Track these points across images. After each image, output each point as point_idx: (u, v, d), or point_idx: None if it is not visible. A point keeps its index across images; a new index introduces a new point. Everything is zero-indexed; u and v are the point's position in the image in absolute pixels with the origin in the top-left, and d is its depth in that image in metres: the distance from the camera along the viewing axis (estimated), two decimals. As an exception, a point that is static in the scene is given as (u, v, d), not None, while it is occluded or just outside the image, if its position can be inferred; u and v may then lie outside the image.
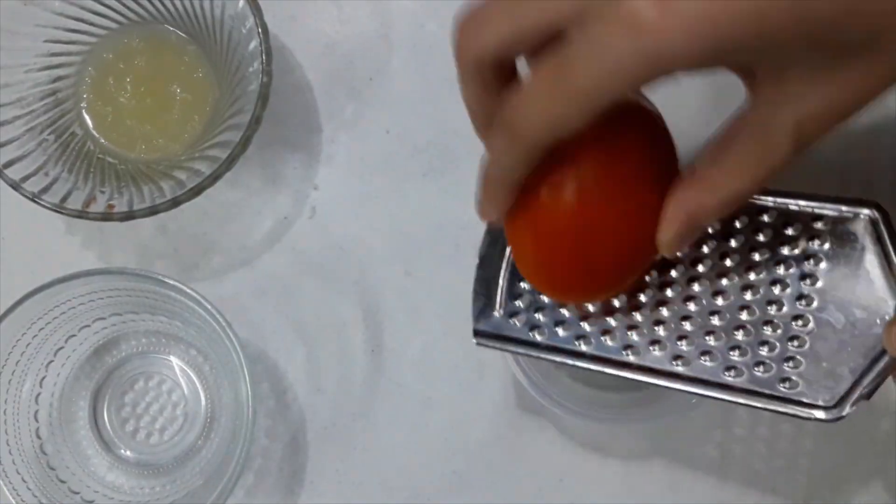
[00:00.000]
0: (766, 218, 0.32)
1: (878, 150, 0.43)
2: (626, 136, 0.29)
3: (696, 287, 0.33)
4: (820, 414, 0.30)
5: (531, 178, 0.28)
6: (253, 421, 0.38)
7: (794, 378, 0.31)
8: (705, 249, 0.33)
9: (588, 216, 0.29)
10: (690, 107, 0.42)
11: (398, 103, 0.45)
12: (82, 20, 0.43)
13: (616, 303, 0.34)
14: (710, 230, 0.33)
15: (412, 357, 0.44)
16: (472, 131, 0.46)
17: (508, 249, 0.35)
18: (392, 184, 0.45)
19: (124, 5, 0.43)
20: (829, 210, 0.31)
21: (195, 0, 0.42)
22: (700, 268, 0.33)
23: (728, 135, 0.28)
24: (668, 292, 0.33)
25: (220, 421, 0.44)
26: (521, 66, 0.29)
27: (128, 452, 0.45)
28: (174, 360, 0.45)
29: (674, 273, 0.33)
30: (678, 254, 0.32)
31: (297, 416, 0.44)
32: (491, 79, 0.28)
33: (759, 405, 0.31)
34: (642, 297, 0.34)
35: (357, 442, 0.44)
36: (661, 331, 0.33)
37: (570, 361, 0.34)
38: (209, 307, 0.38)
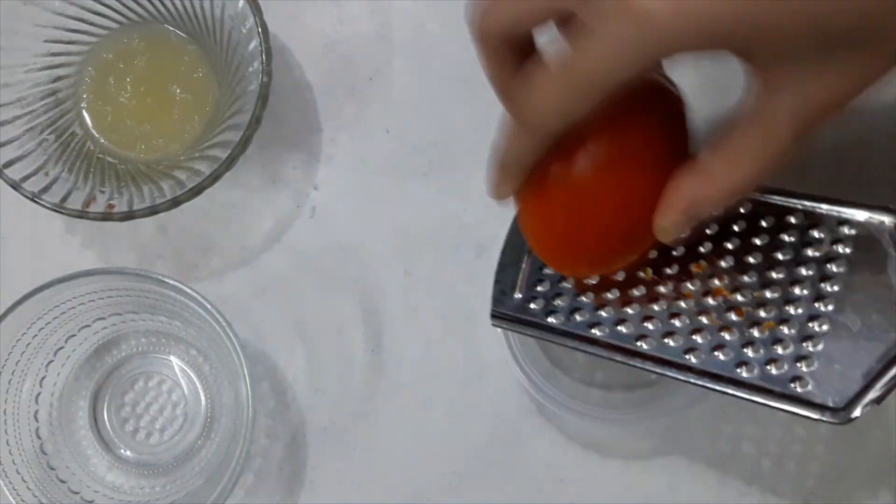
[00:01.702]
0: (792, 219, 0.33)
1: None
2: (638, 115, 0.29)
3: (716, 282, 0.33)
4: (829, 416, 0.30)
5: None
6: (253, 421, 0.38)
7: (805, 378, 0.31)
8: (729, 246, 0.34)
9: (591, 190, 0.30)
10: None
11: (398, 103, 0.45)
12: (82, 20, 0.43)
13: (635, 292, 0.34)
14: (735, 228, 0.34)
15: (412, 357, 0.44)
16: (473, 131, 0.46)
17: None
18: (392, 184, 0.45)
19: (124, 5, 0.43)
20: (856, 215, 0.32)
21: (195, 0, 0.42)
22: (722, 263, 0.33)
23: (729, 124, 0.28)
24: (688, 285, 0.34)
25: (220, 421, 0.44)
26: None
27: (128, 452, 0.45)
28: (174, 360, 0.45)
29: (694, 268, 0.34)
30: (696, 249, 0.32)
31: (297, 416, 0.44)
32: (506, 52, 0.29)
33: (768, 402, 0.31)
34: (661, 289, 0.34)
35: (357, 442, 0.44)
36: (676, 322, 0.33)
37: (582, 347, 0.34)
38: (209, 307, 0.38)
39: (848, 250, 0.32)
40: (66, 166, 0.42)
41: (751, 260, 0.33)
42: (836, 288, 0.32)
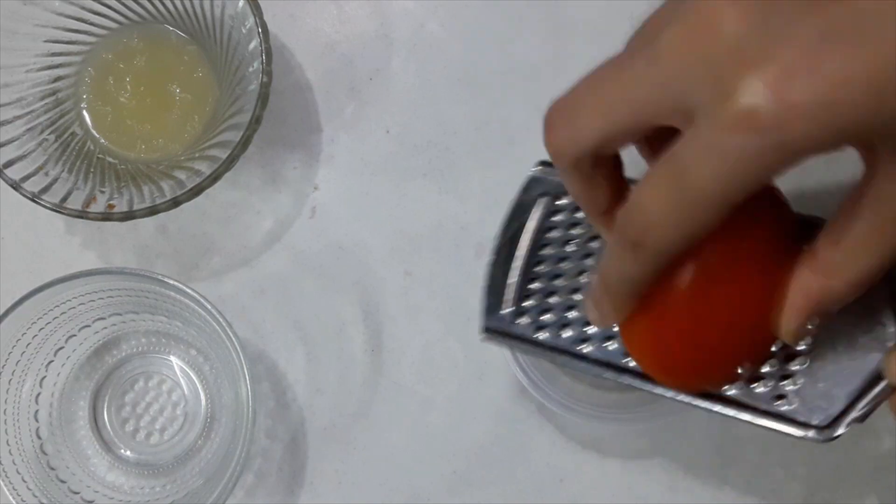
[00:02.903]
0: None
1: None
2: (748, 219, 0.27)
3: None
4: (812, 434, 0.30)
5: None
6: (253, 421, 0.38)
7: (789, 396, 0.31)
8: None
9: (710, 301, 0.28)
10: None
11: (398, 103, 0.45)
12: (82, 20, 0.43)
13: None
14: None
15: (412, 357, 0.44)
16: (473, 131, 0.46)
17: (521, 249, 0.35)
18: (392, 184, 0.45)
19: (124, 5, 0.43)
20: (819, 227, 0.31)
21: (195, 0, 0.42)
22: None
23: (848, 213, 0.26)
24: None
25: (220, 421, 0.44)
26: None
27: (128, 452, 0.45)
28: (174, 360, 0.45)
29: None
30: None
31: (297, 416, 0.44)
32: (592, 173, 0.28)
33: (753, 420, 0.31)
34: None
35: (357, 442, 0.44)
36: None
37: (572, 364, 0.34)
38: (209, 307, 0.38)
39: None
40: (66, 166, 0.42)
41: None
42: None
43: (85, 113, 0.44)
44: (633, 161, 0.30)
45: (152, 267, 0.45)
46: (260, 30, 0.39)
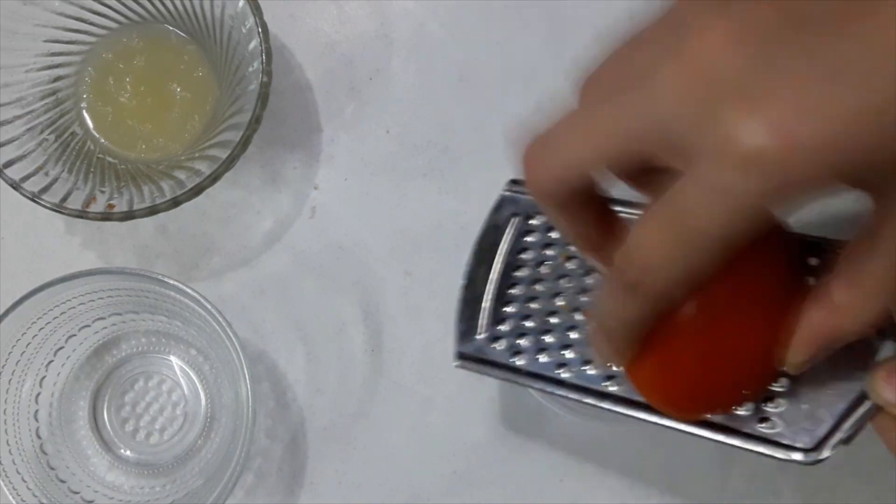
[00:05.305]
0: None
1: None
2: (752, 254, 0.27)
3: None
4: (798, 456, 0.30)
5: None
6: (253, 421, 0.38)
7: (773, 418, 0.30)
8: None
9: (715, 335, 0.28)
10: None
11: (398, 103, 0.45)
12: (82, 20, 0.43)
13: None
14: None
15: (412, 357, 0.44)
16: (473, 131, 0.46)
17: (494, 272, 0.35)
18: (392, 184, 0.45)
19: (124, 5, 0.43)
20: (820, 246, 0.30)
21: (195, 0, 0.42)
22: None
23: (861, 254, 0.26)
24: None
25: (220, 421, 0.44)
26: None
27: (128, 452, 0.45)
28: (174, 360, 0.45)
29: None
30: None
31: (297, 416, 0.44)
32: (575, 208, 0.27)
33: (737, 444, 0.31)
34: None
35: (357, 442, 0.44)
36: None
37: (549, 389, 0.33)
38: (209, 307, 0.38)
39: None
40: (66, 166, 0.42)
41: None
42: None
43: (85, 113, 0.44)
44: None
45: (152, 267, 0.45)
46: (260, 30, 0.39)
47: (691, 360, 0.29)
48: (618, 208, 0.31)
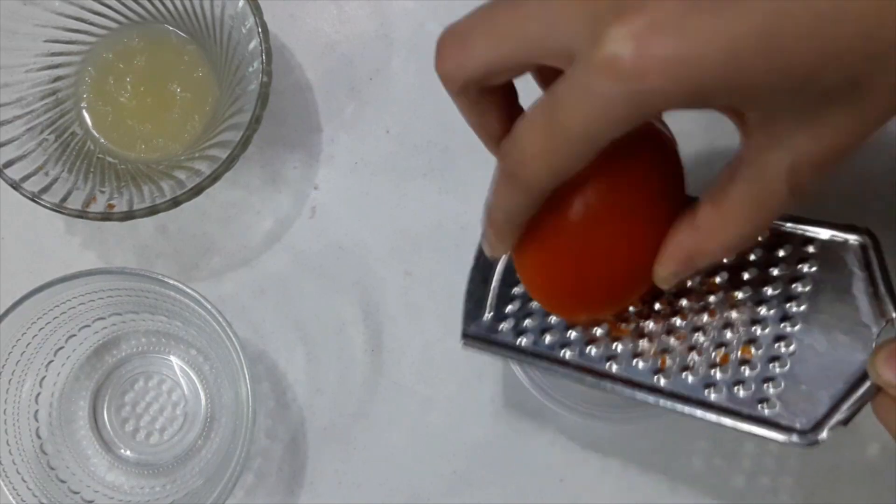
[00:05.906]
0: (758, 238, 0.32)
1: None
2: (632, 160, 0.29)
3: (683, 302, 0.33)
4: (795, 438, 0.30)
5: None
6: (253, 421, 0.38)
7: (772, 399, 0.31)
8: None
9: (591, 238, 0.29)
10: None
11: (398, 103, 0.45)
12: (82, 20, 0.43)
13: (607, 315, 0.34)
14: None
15: (412, 357, 0.44)
16: (472, 131, 0.46)
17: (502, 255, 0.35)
18: (392, 184, 0.45)
19: (124, 5, 0.43)
20: (820, 234, 0.31)
21: (195, 0, 0.42)
22: (688, 283, 0.33)
23: (726, 178, 0.27)
24: (655, 305, 0.33)
25: (220, 421, 0.44)
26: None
27: (128, 452, 0.45)
28: (174, 359, 0.45)
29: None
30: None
31: (297, 416, 0.44)
32: (479, 100, 0.28)
33: (736, 426, 0.31)
34: (630, 310, 0.34)
35: (357, 442, 0.44)
36: (644, 343, 0.33)
37: (552, 368, 0.34)
38: (209, 307, 0.38)
39: (814, 269, 0.31)
40: (66, 166, 0.42)
41: (717, 280, 0.33)
42: (802, 308, 0.31)
43: (85, 113, 0.44)
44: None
45: (152, 267, 0.45)
46: (260, 30, 0.39)
47: (568, 260, 0.30)
48: None
